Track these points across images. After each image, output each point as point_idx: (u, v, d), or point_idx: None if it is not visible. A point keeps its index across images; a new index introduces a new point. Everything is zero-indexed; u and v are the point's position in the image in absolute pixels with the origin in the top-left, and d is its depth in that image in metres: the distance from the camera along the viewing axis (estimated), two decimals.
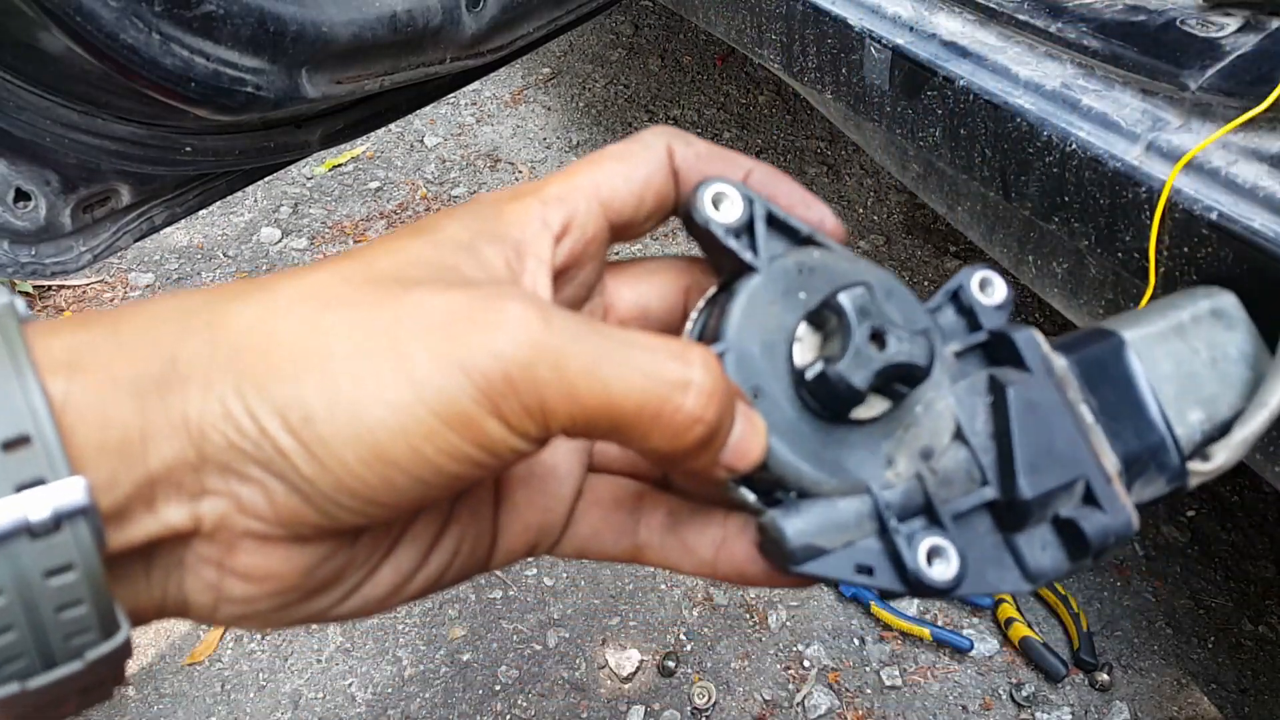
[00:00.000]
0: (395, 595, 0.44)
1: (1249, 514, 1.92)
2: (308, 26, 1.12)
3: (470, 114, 3.06)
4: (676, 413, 0.38)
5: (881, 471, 0.45)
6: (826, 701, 1.68)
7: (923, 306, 0.48)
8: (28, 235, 1.17)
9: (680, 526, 0.49)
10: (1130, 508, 0.46)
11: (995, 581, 0.44)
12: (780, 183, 0.49)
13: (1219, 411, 0.51)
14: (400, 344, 0.36)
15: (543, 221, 0.44)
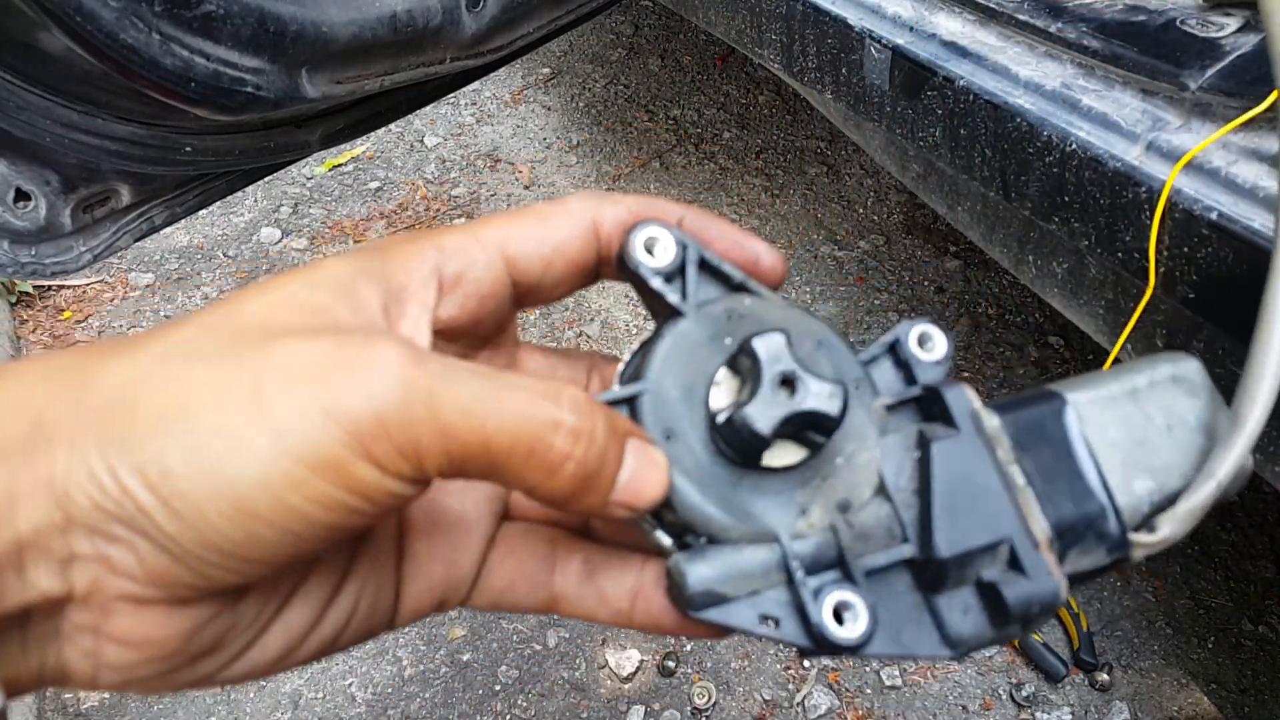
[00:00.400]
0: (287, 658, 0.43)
1: (1249, 514, 1.92)
2: (308, 26, 1.12)
3: (470, 114, 3.06)
4: (549, 450, 0.38)
5: (794, 521, 0.44)
6: (826, 701, 1.68)
7: (856, 358, 0.47)
8: (28, 235, 1.16)
9: (596, 575, 0.48)
10: (1059, 576, 0.44)
11: (911, 644, 0.43)
12: (714, 226, 0.48)
13: (1171, 482, 0.48)
14: (263, 394, 0.35)
15: (434, 268, 0.43)
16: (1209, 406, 0.50)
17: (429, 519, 0.47)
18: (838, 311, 2.36)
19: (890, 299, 2.38)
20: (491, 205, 2.71)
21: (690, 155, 2.82)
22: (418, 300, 0.43)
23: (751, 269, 0.48)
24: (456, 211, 2.70)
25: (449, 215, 2.69)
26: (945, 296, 2.38)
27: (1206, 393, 0.50)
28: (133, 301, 2.46)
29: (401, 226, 2.65)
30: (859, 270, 2.47)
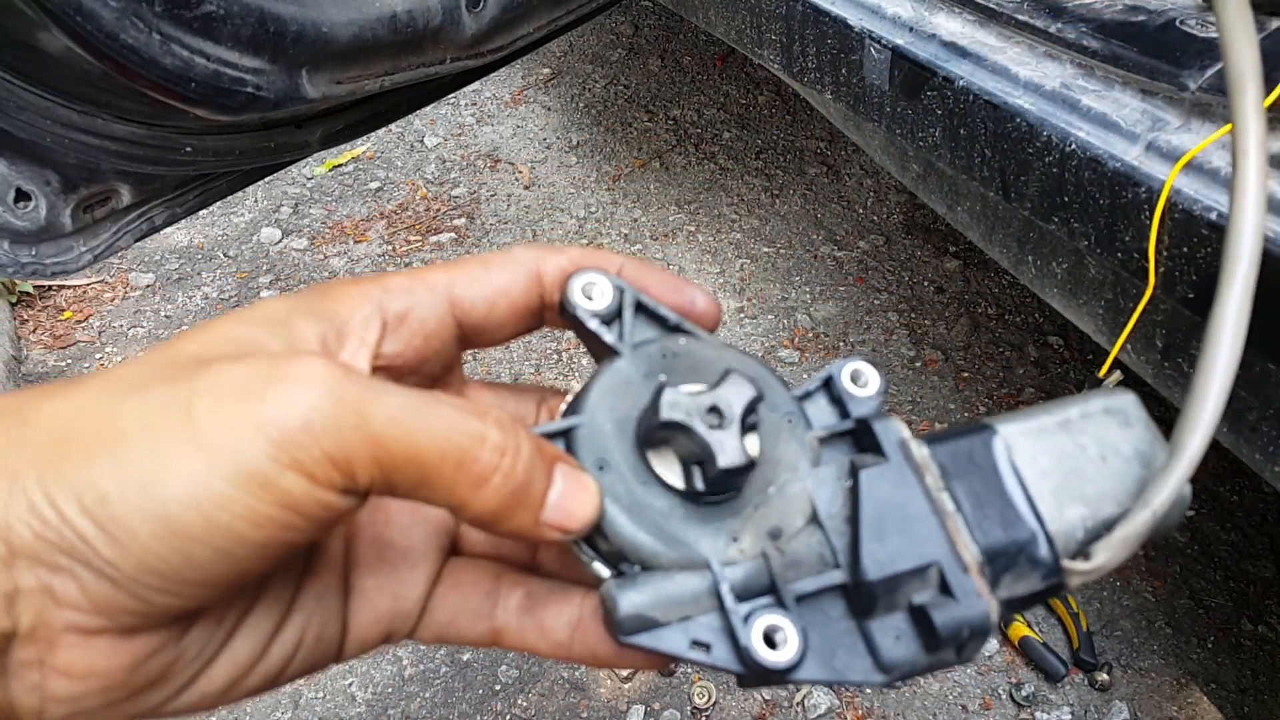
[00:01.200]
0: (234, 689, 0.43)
1: (1248, 514, 1.91)
2: (308, 27, 1.12)
3: (470, 114, 3.06)
4: (475, 463, 0.39)
5: (725, 549, 0.45)
6: (826, 701, 1.68)
7: (790, 394, 0.49)
8: (28, 235, 1.16)
9: (537, 608, 0.49)
10: (989, 599, 0.45)
11: (843, 668, 0.44)
12: (651, 273, 0.51)
13: (1105, 509, 0.49)
14: (192, 414, 0.36)
15: (377, 306, 0.44)
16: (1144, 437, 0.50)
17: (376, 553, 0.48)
18: (837, 312, 2.36)
19: (890, 299, 2.38)
20: (492, 206, 2.71)
21: (690, 155, 2.82)
22: (357, 336, 0.44)
23: (688, 313, 0.50)
24: (457, 212, 2.70)
25: (449, 215, 2.69)
26: (945, 296, 2.38)
27: (1141, 424, 0.51)
28: (133, 301, 2.45)
29: (402, 227, 2.65)
30: (858, 270, 2.47)
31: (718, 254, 2.53)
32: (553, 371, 2.25)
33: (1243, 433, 1.05)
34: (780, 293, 2.42)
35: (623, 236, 2.59)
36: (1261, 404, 1.02)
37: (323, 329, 0.43)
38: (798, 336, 2.31)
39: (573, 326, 0.49)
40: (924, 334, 2.30)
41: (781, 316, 2.36)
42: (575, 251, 0.50)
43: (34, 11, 0.93)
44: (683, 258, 2.53)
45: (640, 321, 0.49)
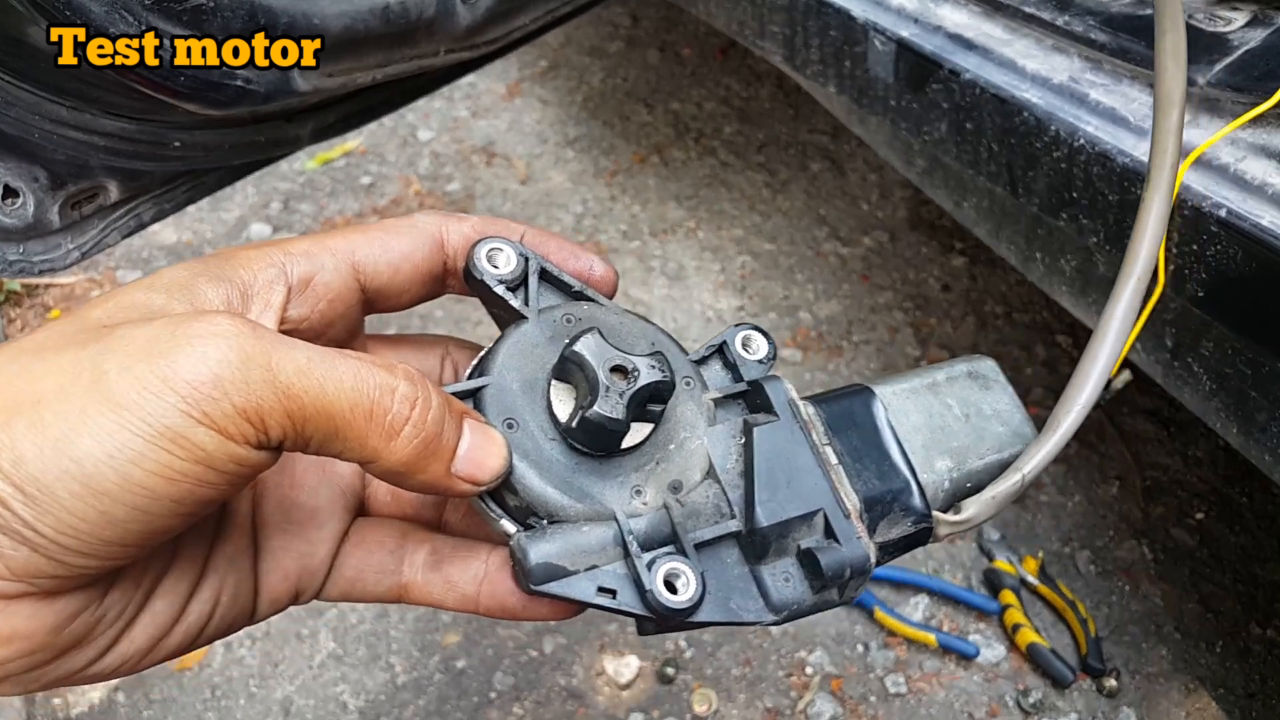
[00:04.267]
0: (155, 650, 0.45)
1: (1258, 516, 1.89)
2: (298, 19, 1.10)
3: (465, 107, 3.04)
4: (386, 413, 0.41)
5: (629, 501, 0.48)
6: (829, 710, 1.65)
7: (686, 357, 0.54)
8: (15, 233, 1.15)
9: (443, 563, 0.52)
10: (869, 543, 0.50)
11: (738, 610, 0.48)
12: (550, 240, 0.54)
13: (968, 461, 0.55)
14: (103, 375, 0.37)
15: (280, 270, 0.46)
16: (1002, 398, 0.57)
17: (283, 514, 0.50)
18: (841, 310, 2.34)
19: (895, 297, 2.36)
20: (487, 201, 2.69)
21: (690, 150, 2.80)
22: (262, 299, 0.45)
23: (587, 278, 0.54)
24: (452, 207, 2.67)
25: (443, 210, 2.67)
26: (951, 295, 2.36)
27: (1000, 386, 0.58)
28: None
29: None
30: (863, 268, 2.44)
31: (718, 251, 2.51)
32: None
33: (1252, 434, 1.03)
34: (782, 290, 2.40)
35: (621, 233, 2.57)
36: (1271, 404, 1.01)
37: (227, 291, 0.44)
38: (800, 335, 2.29)
39: (477, 292, 0.53)
40: (929, 333, 2.27)
41: (784, 315, 2.34)
42: (477, 219, 0.53)
43: (23, 6, 0.92)
44: (682, 254, 2.51)
45: (544, 288, 0.53)
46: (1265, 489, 1.92)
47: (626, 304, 2.38)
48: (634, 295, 2.40)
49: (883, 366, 2.20)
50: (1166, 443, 2.02)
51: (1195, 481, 1.95)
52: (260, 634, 1.81)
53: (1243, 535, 1.86)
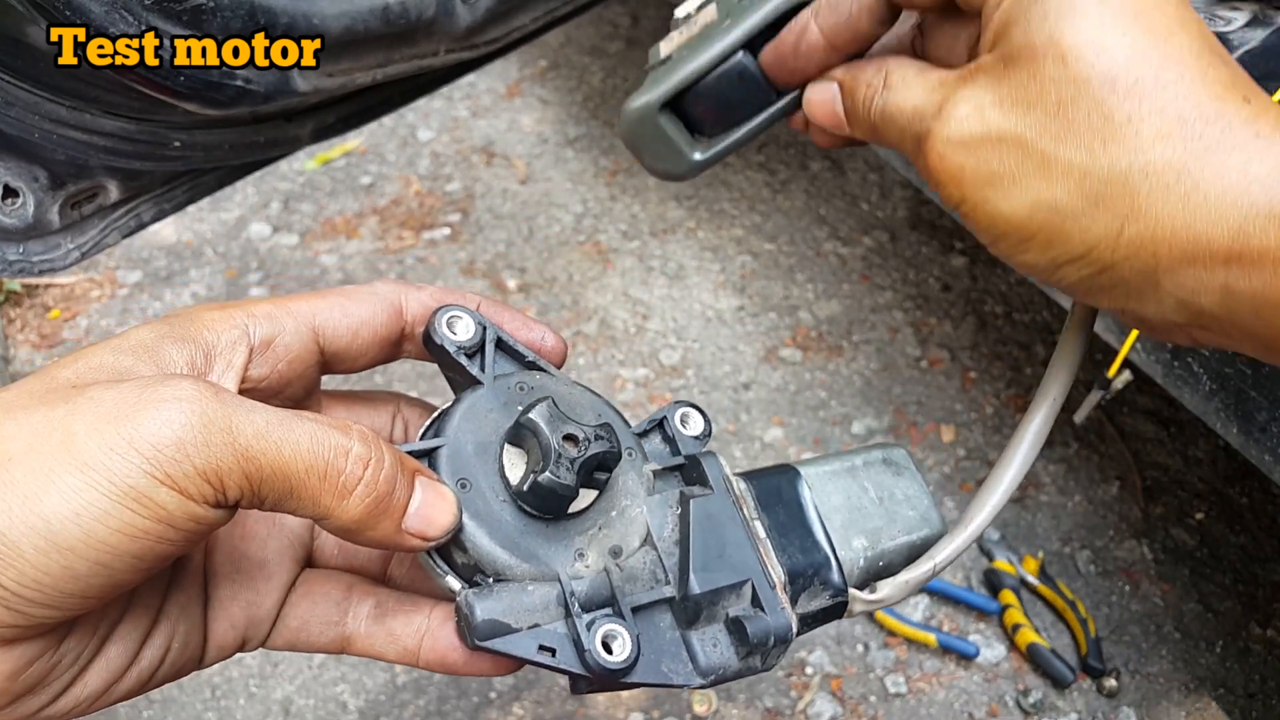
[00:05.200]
0: (107, 694, 0.46)
1: (1258, 516, 1.89)
2: (298, 18, 1.10)
3: (465, 107, 3.03)
4: (339, 474, 0.42)
5: (572, 563, 0.51)
6: (829, 710, 1.65)
7: (630, 430, 0.57)
8: (15, 233, 1.14)
9: (387, 617, 0.53)
10: (791, 613, 0.53)
11: (669, 673, 0.50)
12: (504, 311, 0.57)
13: (881, 541, 0.59)
14: (71, 435, 0.39)
15: (243, 331, 0.48)
16: (912, 484, 0.62)
17: (232, 565, 0.52)
18: (841, 310, 2.33)
19: (895, 297, 2.36)
20: (486, 201, 2.69)
21: None
22: (224, 359, 0.47)
23: (538, 349, 0.58)
24: (451, 207, 2.67)
25: (443, 211, 2.66)
26: (951, 294, 2.36)
27: (909, 473, 0.63)
28: (120, 300, 2.43)
29: (395, 223, 2.63)
30: (863, 268, 2.44)
31: (718, 251, 2.51)
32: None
33: (1252, 434, 1.03)
34: (782, 290, 2.40)
35: (621, 233, 2.57)
36: (1271, 404, 1.01)
37: (191, 353, 0.46)
38: (800, 335, 2.28)
39: (436, 357, 0.55)
40: (930, 333, 2.27)
41: (783, 315, 2.34)
42: (435, 289, 0.56)
43: (23, 6, 0.92)
44: (682, 254, 2.50)
45: (499, 356, 0.56)
46: (1265, 489, 1.92)
47: (627, 304, 2.39)
48: (634, 295, 2.40)
49: (883, 367, 2.20)
50: (1167, 443, 2.02)
51: (1195, 481, 1.95)
52: None
53: (1243, 535, 1.86)
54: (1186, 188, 0.41)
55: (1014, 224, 0.46)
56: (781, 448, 2.05)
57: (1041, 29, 0.44)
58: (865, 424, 2.09)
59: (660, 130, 0.61)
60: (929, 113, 0.48)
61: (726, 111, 0.60)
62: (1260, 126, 0.41)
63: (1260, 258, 0.40)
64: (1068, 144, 0.44)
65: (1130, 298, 0.45)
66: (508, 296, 2.42)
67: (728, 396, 2.16)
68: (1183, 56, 0.43)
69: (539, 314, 2.37)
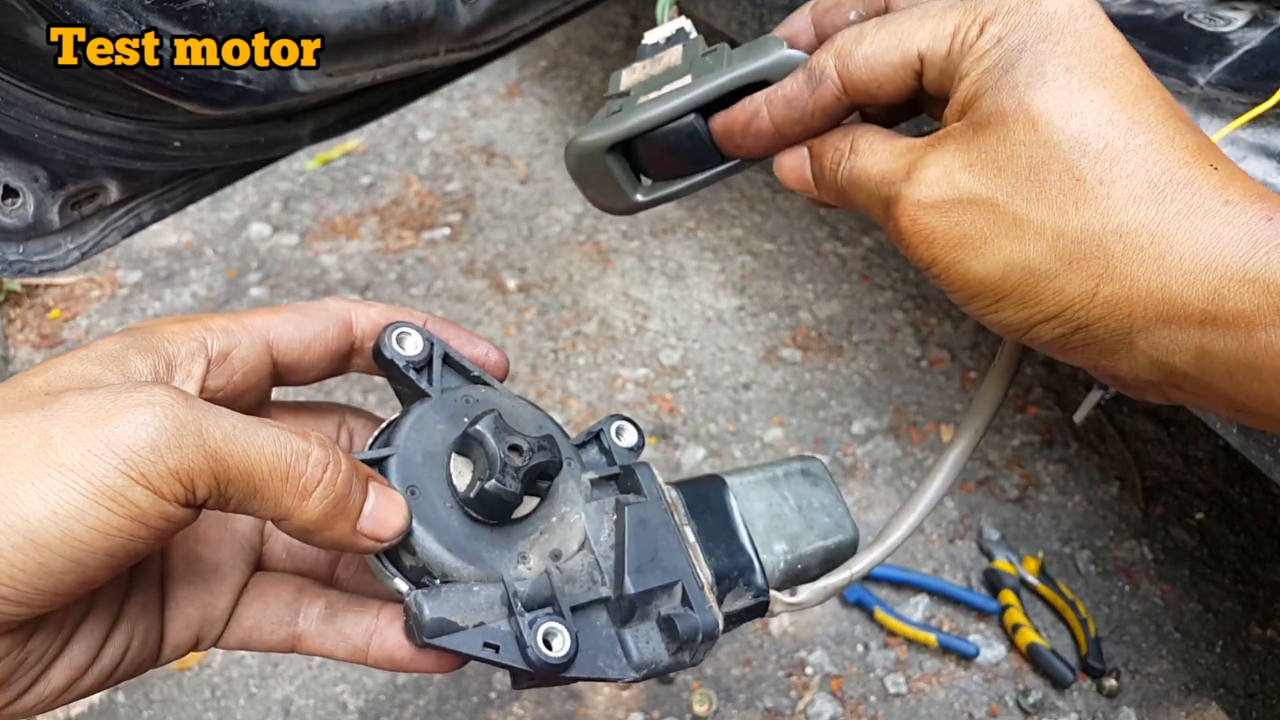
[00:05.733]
0: (69, 691, 0.48)
1: (1258, 516, 1.90)
2: (298, 19, 1.10)
3: (465, 107, 3.03)
4: (300, 476, 0.45)
5: (515, 566, 0.54)
6: (829, 710, 1.65)
7: (569, 441, 0.61)
8: (15, 233, 1.15)
9: (337, 617, 0.56)
10: (717, 612, 0.57)
11: (604, 667, 0.54)
12: (450, 327, 0.60)
13: (799, 545, 0.63)
14: (49, 438, 0.40)
15: (201, 344, 0.51)
16: (827, 493, 0.67)
17: (188, 567, 0.54)
18: (841, 310, 2.34)
19: (895, 297, 2.36)
20: (487, 201, 2.69)
21: None
22: (184, 369, 0.50)
23: (481, 363, 0.61)
24: (451, 207, 2.67)
25: (443, 211, 2.66)
26: None
27: (825, 483, 0.68)
28: (120, 300, 2.43)
29: (395, 223, 2.63)
30: (863, 268, 2.44)
31: (718, 251, 2.51)
32: (549, 371, 2.22)
33: (1252, 434, 1.03)
34: (782, 290, 2.40)
35: (621, 233, 2.57)
36: None
37: (154, 362, 0.48)
38: (800, 335, 2.28)
39: (386, 370, 0.58)
40: (930, 333, 2.27)
41: (783, 315, 2.34)
42: (384, 306, 0.59)
43: (23, 6, 0.92)
44: (682, 254, 2.50)
45: (445, 370, 0.59)
46: (1265, 489, 1.92)
47: (627, 304, 2.39)
48: (634, 295, 2.40)
49: (883, 367, 2.20)
50: (1167, 443, 2.02)
51: (1195, 481, 1.95)
52: None
53: (1243, 535, 1.86)
54: (1161, 249, 0.42)
55: (988, 284, 0.47)
56: (781, 448, 2.05)
57: (1011, 96, 0.46)
58: (865, 424, 2.09)
59: (605, 168, 0.63)
60: (897, 177, 0.50)
61: (672, 164, 0.62)
62: (1229, 194, 0.43)
63: (1234, 320, 0.41)
64: (1040, 206, 0.45)
65: (1104, 355, 0.46)
66: (508, 296, 2.42)
67: (728, 396, 2.16)
68: (1150, 122, 0.44)
69: (539, 314, 2.37)
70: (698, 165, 0.62)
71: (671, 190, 0.64)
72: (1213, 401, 0.45)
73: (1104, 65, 0.45)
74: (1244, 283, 0.41)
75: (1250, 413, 0.44)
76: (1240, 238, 0.41)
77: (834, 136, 0.55)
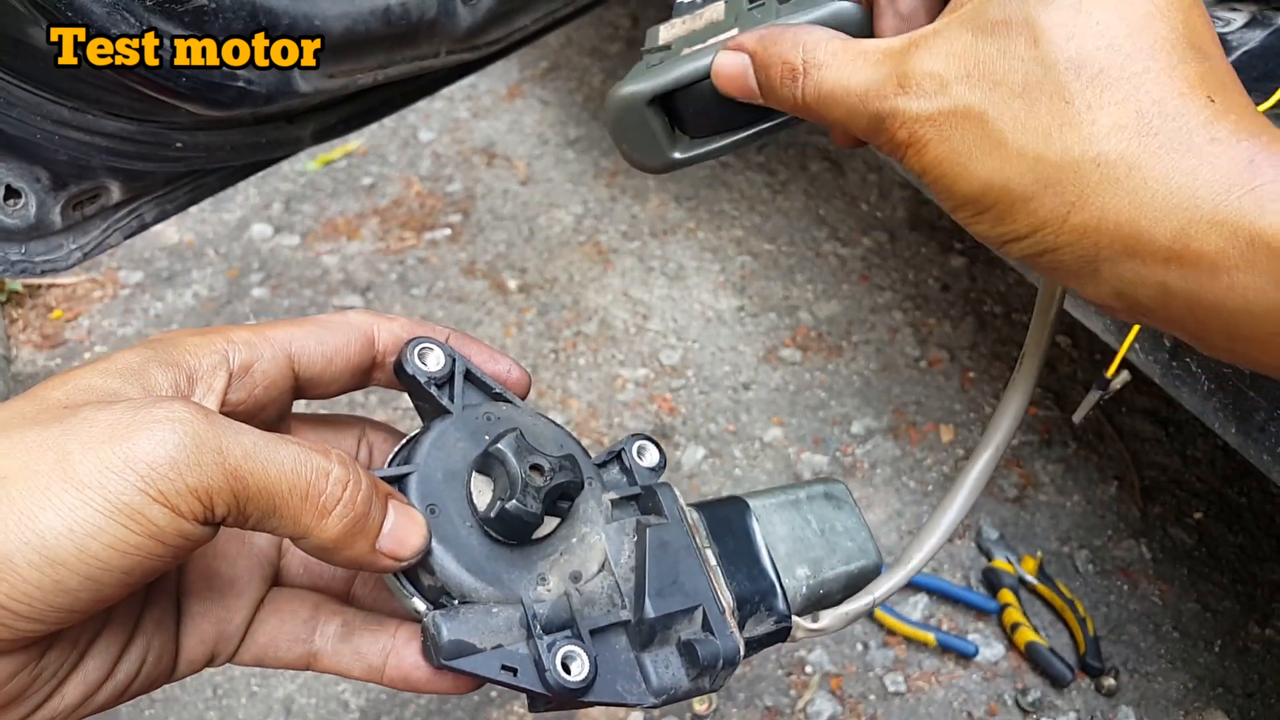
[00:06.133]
0: (84, 707, 0.48)
1: (1256, 516, 1.90)
2: (300, 20, 1.10)
3: (465, 108, 3.04)
4: (320, 494, 0.45)
5: (534, 587, 0.53)
6: (829, 708, 1.66)
7: (590, 460, 0.60)
8: (17, 233, 1.15)
9: (353, 635, 0.55)
10: (739, 637, 0.57)
11: (623, 692, 0.53)
12: (472, 343, 0.60)
13: (822, 570, 0.63)
14: (67, 454, 0.40)
15: (223, 357, 0.50)
16: (851, 516, 0.66)
17: (205, 582, 0.54)
18: (840, 310, 2.34)
19: (894, 297, 2.36)
20: (487, 202, 2.69)
21: None
22: (205, 383, 0.49)
23: (504, 380, 0.60)
24: (452, 208, 2.68)
25: (444, 212, 2.67)
26: (950, 295, 2.36)
27: (849, 506, 0.67)
28: (122, 300, 2.43)
29: (395, 223, 2.63)
30: (862, 268, 2.45)
31: (718, 251, 2.51)
32: (549, 371, 2.23)
33: (1251, 434, 1.04)
34: (782, 291, 2.40)
35: (621, 233, 2.58)
36: (1269, 404, 1.01)
37: (175, 376, 0.48)
38: (800, 335, 2.29)
39: (407, 386, 0.58)
40: (929, 333, 2.28)
41: (783, 315, 2.34)
42: (406, 320, 0.58)
43: (25, 7, 0.92)
44: (682, 255, 2.51)
45: (467, 387, 0.58)
46: (1264, 489, 1.93)
47: (627, 304, 2.40)
48: (634, 295, 2.41)
49: (882, 367, 2.20)
50: (1165, 443, 2.02)
51: (1194, 481, 1.96)
52: None
53: (1241, 535, 1.87)
54: (1135, 183, 0.42)
55: (969, 198, 0.47)
56: (781, 447, 2.06)
57: (1022, 6, 0.45)
58: (864, 424, 2.09)
59: (644, 122, 0.61)
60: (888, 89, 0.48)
61: (716, 119, 0.60)
62: (1217, 130, 0.42)
63: (1198, 261, 0.41)
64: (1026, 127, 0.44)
65: (1071, 278, 0.46)
66: (509, 297, 2.43)
67: (728, 396, 2.16)
68: (1155, 49, 0.44)
69: (540, 314, 2.38)
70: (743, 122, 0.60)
71: (711, 148, 0.62)
72: (1176, 332, 0.45)
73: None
74: (1212, 225, 0.40)
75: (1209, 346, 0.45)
76: (1216, 179, 0.41)
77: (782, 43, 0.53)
